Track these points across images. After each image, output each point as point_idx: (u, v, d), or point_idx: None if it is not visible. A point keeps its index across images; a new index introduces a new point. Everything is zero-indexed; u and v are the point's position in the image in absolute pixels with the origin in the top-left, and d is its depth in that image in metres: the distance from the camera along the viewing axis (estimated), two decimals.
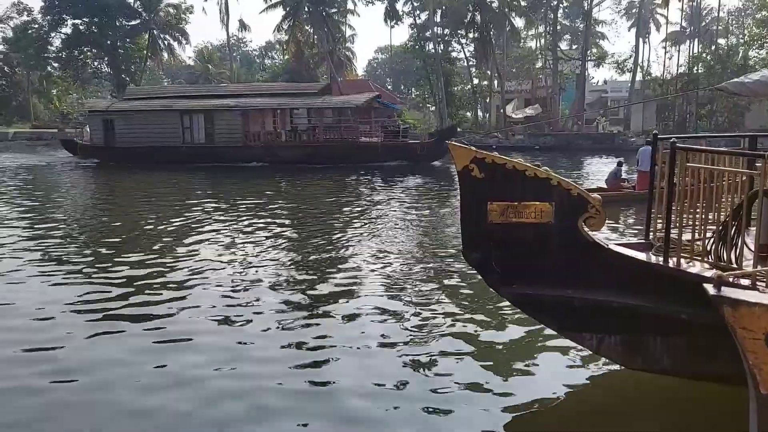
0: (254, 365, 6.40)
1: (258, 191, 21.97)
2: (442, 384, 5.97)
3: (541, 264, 5.28)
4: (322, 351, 6.77)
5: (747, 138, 6.23)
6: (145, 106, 35.16)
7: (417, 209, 17.35)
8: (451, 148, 5.23)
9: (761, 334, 2.04)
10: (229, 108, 33.72)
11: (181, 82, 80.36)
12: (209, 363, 6.40)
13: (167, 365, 6.38)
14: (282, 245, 12.36)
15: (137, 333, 7.28)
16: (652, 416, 5.35)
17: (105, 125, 35.11)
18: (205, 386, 5.92)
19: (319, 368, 6.32)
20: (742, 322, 2.07)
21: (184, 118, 34.04)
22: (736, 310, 2.08)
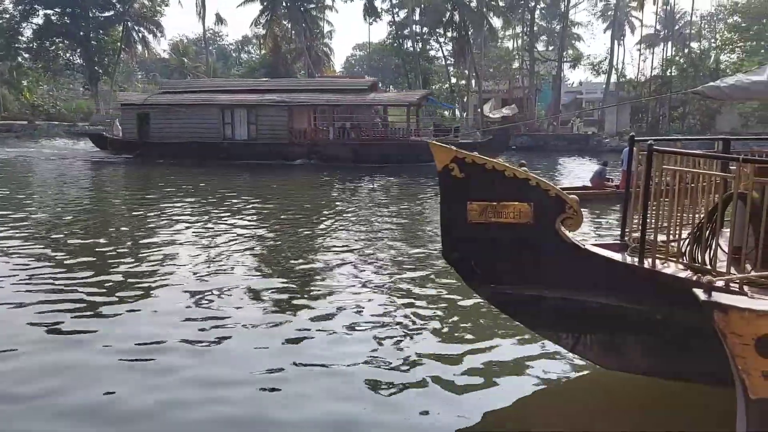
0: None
1: (308, 192, 21.01)
2: (416, 382, 5.98)
3: (520, 264, 5.31)
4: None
5: (720, 141, 6.34)
6: (184, 100, 33.52)
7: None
8: (432, 148, 5.23)
9: (751, 340, 2.06)
10: (274, 103, 32.38)
11: (155, 75, 79.38)
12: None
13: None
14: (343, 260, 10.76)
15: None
16: (625, 416, 5.41)
17: (139, 119, 33.60)
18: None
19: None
20: (733, 328, 2.09)
21: (225, 113, 32.62)
22: (726, 315, 2.10)
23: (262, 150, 31.42)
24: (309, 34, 63.27)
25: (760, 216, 4.28)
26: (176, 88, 37.48)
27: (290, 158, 30.81)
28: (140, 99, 35.81)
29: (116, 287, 8.85)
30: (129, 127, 34.20)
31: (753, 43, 44.41)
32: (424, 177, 25.09)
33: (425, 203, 18.64)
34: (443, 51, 59.11)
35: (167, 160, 30.52)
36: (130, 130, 34.11)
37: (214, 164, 28.96)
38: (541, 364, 6.40)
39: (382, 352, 6.64)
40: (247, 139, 32.60)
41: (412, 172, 26.94)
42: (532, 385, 5.97)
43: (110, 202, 19.03)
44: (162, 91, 36.83)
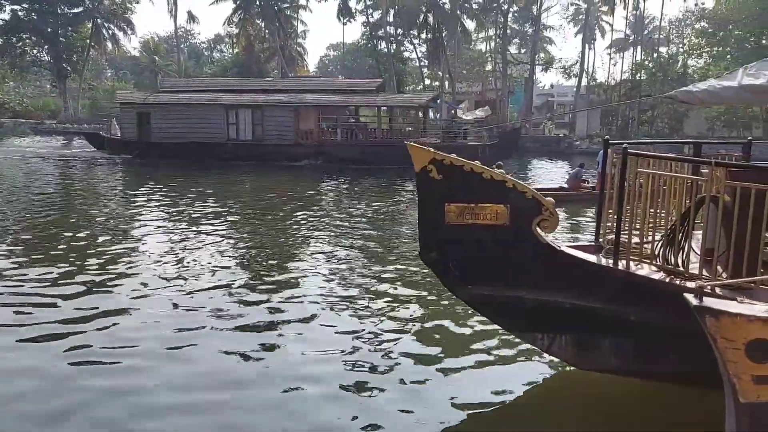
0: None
1: (316, 193, 20.66)
2: (392, 382, 5.99)
3: (497, 265, 5.34)
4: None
5: (692, 145, 6.46)
6: (187, 99, 32.58)
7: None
8: (410, 149, 5.23)
9: (741, 344, 2.10)
10: (280, 104, 31.63)
11: (125, 73, 78.16)
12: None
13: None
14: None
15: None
16: (599, 416, 5.48)
17: (139, 119, 32.46)
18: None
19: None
20: (724, 332, 2.12)
21: (229, 113, 31.77)
22: (718, 320, 2.13)
23: (267, 151, 30.55)
24: (283, 34, 62.90)
25: (731, 219, 4.37)
26: (177, 87, 36.39)
27: (296, 159, 30.01)
28: (140, 98, 34.70)
29: (99, 287, 8.70)
30: (128, 127, 33.09)
31: (719, 49, 45.41)
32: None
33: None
34: (417, 52, 59.31)
35: (168, 160, 29.54)
36: (129, 130, 33.04)
37: (217, 165, 28.09)
38: (517, 365, 6.46)
39: (359, 354, 6.63)
40: (251, 139, 31.83)
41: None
42: (508, 386, 6.01)
43: (100, 201, 18.59)
44: (163, 90, 35.73)
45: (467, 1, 55.59)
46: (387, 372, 6.21)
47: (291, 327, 7.40)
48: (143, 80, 73.60)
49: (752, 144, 6.34)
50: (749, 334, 2.11)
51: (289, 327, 7.40)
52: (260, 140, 31.54)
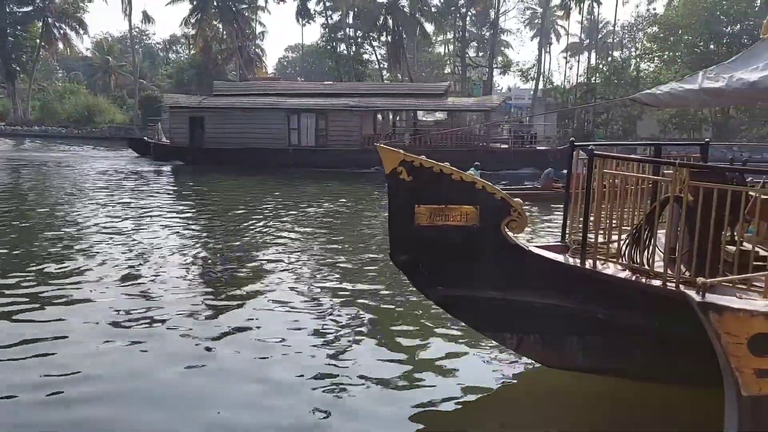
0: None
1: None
2: (361, 384, 5.98)
3: (467, 266, 5.38)
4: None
5: (652, 146, 6.63)
6: (246, 104, 31.02)
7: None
8: (380, 150, 5.23)
9: (744, 339, 2.16)
10: (347, 108, 30.31)
11: (77, 74, 76.12)
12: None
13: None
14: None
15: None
16: (567, 413, 5.56)
17: (191, 123, 30.94)
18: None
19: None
20: (727, 328, 2.18)
21: (291, 118, 30.37)
22: (721, 315, 2.19)
23: (331, 157, 29.12)
24: (241, 35, 62.17)
25: (694, 217, 4.49)
26: (233, 90, 34.64)
27: (362, 166, 27.52)
28: (193, 102, 33.06)
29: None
30: (179, 132, 31.62)
31: (670, 53, 46.76)
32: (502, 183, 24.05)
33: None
34: (377, 55, 59.39)
35: (224, 167, 27.77)
36: (180, 135, 31.53)
37: (277, 172, 26.34)
38: (485, 364, 6.52)
39: (328, 355, 6.59)
40: (314, 145, 30.50)
41: (493, 179, 24.84)
42: (477, 384, 6.06)
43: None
44: (217, 94, 33.87)
45: (426, 4, 55.95)
46: (356, 371, 6.18)
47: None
48: (96, 81, 71.79)
49: (709, 145, 6.55)
50: (752, 329, 2.17)
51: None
52: (324, 146, 30.13)
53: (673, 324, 4.65)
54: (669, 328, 4.83)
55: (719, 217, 4.42)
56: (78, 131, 53.37)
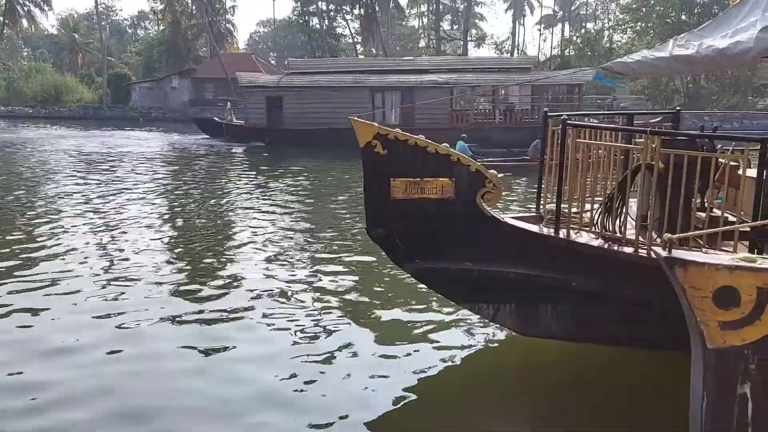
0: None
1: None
2: (340, 356, 6.03)
3: (443, 238, 5.41)
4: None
5: (624, 116, 6.68)
6: (328, 82, 29.62)
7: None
8: (354, 123, 5.21)
9: (709, 292, 2.22)
10: (436, 85, 28.89)
11: (43, 52, 74.18)
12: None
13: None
14: None
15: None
16: (543, 378, 5.67)
17: (269, 103, 29.70)
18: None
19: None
20: (692, 282, 2.23)
21: (375, 95, 29.11)
22: (686, 270, 2.24)
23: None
24: (211, 10, 60.96)
25: (665, 185, 4.55)
26: (310, 68, 33.11)
27: (450, 143, 27.52)
28: (270, 81, 31.71)
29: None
30: (255, 112, 30.42)
31: (642, 24, 46.98)
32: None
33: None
34: (350, 29, 58.78)
35: (304, 148, 26.90)
36: (257, 115, 30.36)
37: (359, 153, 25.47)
38: (463, 335, 6.59)
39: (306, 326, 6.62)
40: (399, 123, 28.02)
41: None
42: (455, 356, 6.12)
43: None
44: (293, 72, 32.40)
45: None
46: (333, 346, 6.21)
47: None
48: (62, 60, 70.04)
49: (680, 114, 6.62)
50: (716, 283, 2.23)
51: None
52: (410, 125, 28.02)
53: (646, 290, 4.73)
54: (642, 295, 4.91)
55: (689, 184, 4.48)
56: (46, 111, 52.14)
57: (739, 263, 2.25)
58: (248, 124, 31.34)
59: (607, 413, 5.06)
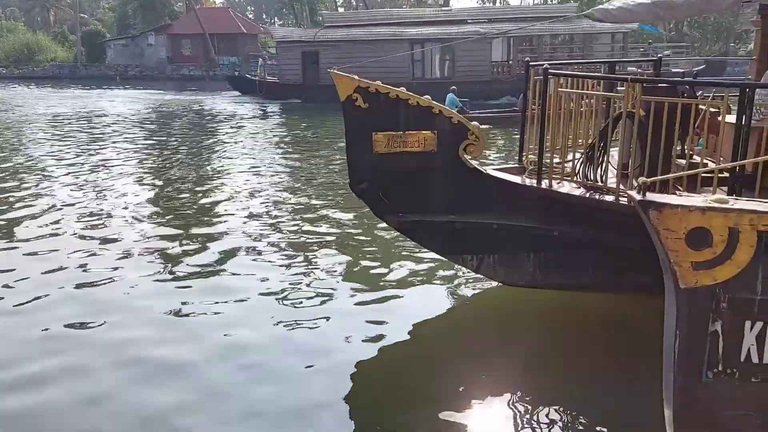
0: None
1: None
2: (320, 307, 6.13)
3: (426, 191, 5.43)
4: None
5: (605, 64, 6.66)
6: (365, 35, 28.34)
7: None
8: (334, 77, 5.16)
9: (682, 234, 2.28)
10: (476, 35, 27.07)
11: (13, 10, 71.82)
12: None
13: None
14: None
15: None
16: (527, 327, 5.79)
17: (305, 59, 28.71)
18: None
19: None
20: (666, 224, 2.29)
21: (414, 47, 27.68)
22: (660, 212, 2.29)
23: (458, 89, 25.88)
24: None
25: (646, 132, 4.58)
26: (346, 21, 31.90)
27: (492, 97, 25.90)
28: (305, 35, 30.66)
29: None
30: (290, 68, 29.39)
31: None
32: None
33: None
34: None
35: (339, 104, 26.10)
36: (292, 72, 29.35)
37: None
38: (447, 286, 6.68)
39: (291, 280, 6.67)
40: (440, 77, 27.94)
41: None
42: (440, 306, 6.24)
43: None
44: (329, 26, 31.15)
45: None
46: (318, 297, 6.29)
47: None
48: (34, 17, 67.88)
49: (662, 61, 6.61)
50: (689, 224, 2.28)
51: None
52: (450, 78, 27.41)
53: (627, 237, 4.81)
54: (622, 242, 4.99)
55: (670, 131, 4.51)
56: (19, 71, 50.77)
57: (712, 204, 2.31)
58: (283, 81, 30.36)
59: (588, 354, 5.20)
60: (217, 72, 45.39)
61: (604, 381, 4.78)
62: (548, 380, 4.86)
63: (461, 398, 4.64)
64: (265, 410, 4.55)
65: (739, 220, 2.31)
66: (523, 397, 4.62)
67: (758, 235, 2.31)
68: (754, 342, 2.43)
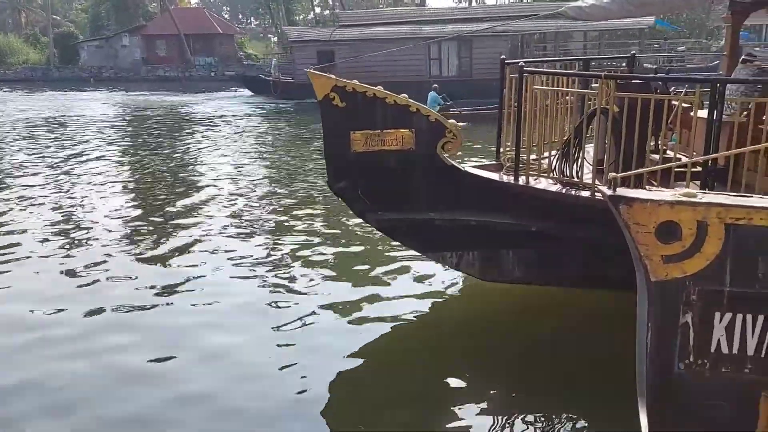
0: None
1: None
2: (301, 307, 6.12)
3: (405, 189, 5.45)
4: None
5: (581, 61, 6.73)
6: (382, 33, 27.97)
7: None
8: (311, 77, 5.16)
9: (652, 228, 2.33)
10: (495, 33, 27.06)
11: None
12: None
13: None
14: None
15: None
16: (506, 322, 5.85)
17: (320, 58, 27.87)
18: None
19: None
20: (636, 218, 2.34)
21: (431, 47, 27.62)
22: (630, 207, 2.34)
23: (475, 88, 25.26)
24: None
25: (620, 128, 4.64)
26: (362, 20, 31.53)
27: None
28: (320, 34, 30.43)
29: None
30: (306, 68, 28.64)
31: None
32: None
33: None
34: None
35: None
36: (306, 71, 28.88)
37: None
38: (427, 283, 6.71)
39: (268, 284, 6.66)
40: (456, 75, 27.86)
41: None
42: (420, 304, 6.26)
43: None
44: (344, 24, 30.88)
45: None
46: (293, 296, 6.29)
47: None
48: (5, 20, 66.72)
49: (635, 58, 6.69)
50: (658, 218, 2.34)
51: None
52: (467, 76, 27.44)
53: (603, 233, 4.87)
54: (598, 238, 5.05)
55: (644, 126, 4.58)
56: None
57: (680, 198, 2.36)
58: (297, 81, 29.85)
59: (567, 348, 5.26)
60: (193, 73, 45.03)
61: (586, 376, 4.85)
62: (528, 376, 4.92)
63: (443, 396, 4.68)
64: (246, 409, 4.54)
65: (707, 213, 2.37)
66: (504, 393, 4.68)
67: (726, 228, 2.37)
68: (724, 333, 2.49)
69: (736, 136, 4.45)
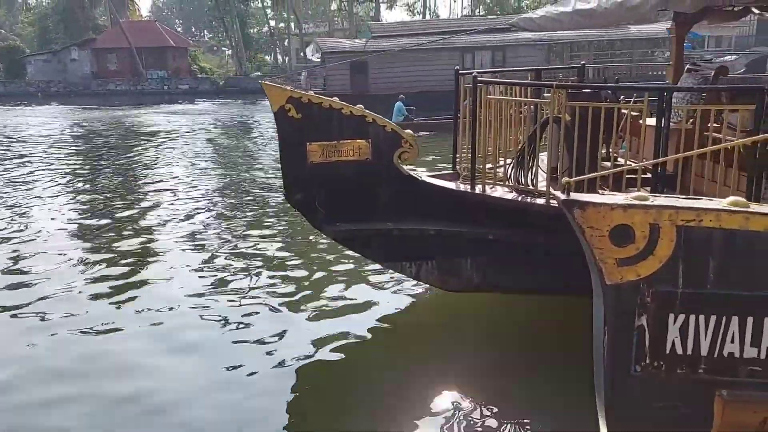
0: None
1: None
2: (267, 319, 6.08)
3: (362, 200, 5.44)
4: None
5: (533, 71, 6.84)
6: (417, 45, 26.77)
7: None
8: (266, 88, 5.11)
9: (606, 231, 2.36)
10: (529, 42, 27.11)
11: None
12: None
13: None
14: None
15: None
16: (465, 330, 5.86)
17: (353, 69, 27.77)
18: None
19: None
20: (590, 222, 2.36)
21: (465, 56, 27.53)
22: (584, 211, 2.36)
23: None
24: None
25: (572, 136, 4.72)
26: (393, 31, 31.11)
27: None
28: (355, 46, 29.93)
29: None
30: (338, 79, 28.33)
31: None
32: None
33: None
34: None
35: (388, 116, 24.65)
36: (340, 82, 28.16)
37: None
38: (386, 294, 6.69)
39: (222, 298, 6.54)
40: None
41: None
42: (380, 315, 6.23)
43: None
44: (376, 36, 30.48)
45: None
46: (248, 309, 6.22)
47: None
48: None
49: (585, 67, 6.85)
50: (612, 221, 2.37)
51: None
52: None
53: (558, 239, 4.93)
54: (554, 244, 5.11)
55: (595, 134, 4.67)
56: None
57: (632, 202, 2.40)
58: (329, 92, 29.73)
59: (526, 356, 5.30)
60: (146, 86, 44.23)
61: (548, 379, 4.88)
62: (491, 381, 4.94)
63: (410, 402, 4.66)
64: (218, 418, 4.50)
65: (658, 216, 2.41)
66: (468, 398, 4.68)
67: (678, 230, 2.41)
68: (678, 334, 2.53)
69: (683, 142, 4.57)
